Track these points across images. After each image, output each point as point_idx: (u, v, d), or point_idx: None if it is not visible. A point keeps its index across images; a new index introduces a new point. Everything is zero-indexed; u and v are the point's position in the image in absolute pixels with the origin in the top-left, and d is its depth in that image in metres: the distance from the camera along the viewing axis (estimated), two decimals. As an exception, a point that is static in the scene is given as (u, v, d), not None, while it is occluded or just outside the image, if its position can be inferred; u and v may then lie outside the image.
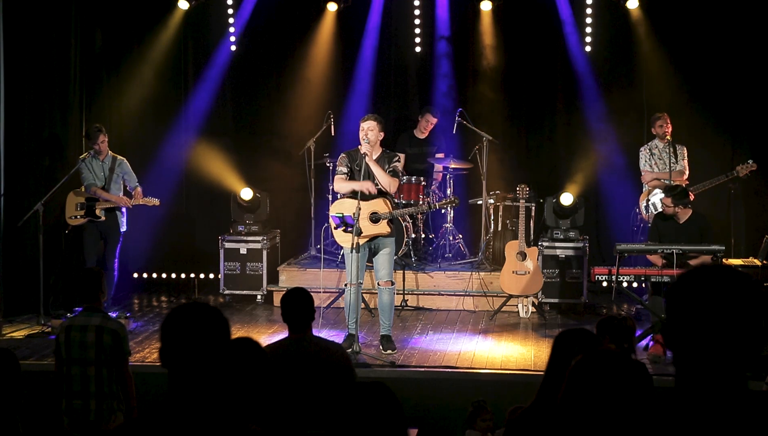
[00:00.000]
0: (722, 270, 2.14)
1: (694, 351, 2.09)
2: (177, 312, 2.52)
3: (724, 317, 2.07)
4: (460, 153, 9.94)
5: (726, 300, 2.08)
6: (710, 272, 2.14)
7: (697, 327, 2.08)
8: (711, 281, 2.12)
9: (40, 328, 8.17)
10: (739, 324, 2.07)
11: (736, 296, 2.09)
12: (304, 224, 9.98)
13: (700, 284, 2.13)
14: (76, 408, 5.24)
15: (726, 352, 2.07)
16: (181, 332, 2.46)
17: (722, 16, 9.61)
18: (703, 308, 2.08)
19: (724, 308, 2.07)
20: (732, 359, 2.08)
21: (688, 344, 2.10)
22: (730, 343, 2.07)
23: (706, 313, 2.08)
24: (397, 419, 2.62)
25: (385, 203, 7.40)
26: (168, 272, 10.47)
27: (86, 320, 5.26)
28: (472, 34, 10.34)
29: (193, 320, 2.48)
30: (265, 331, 8.23)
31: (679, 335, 2.11)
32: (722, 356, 2.07)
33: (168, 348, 2.48)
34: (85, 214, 8.62)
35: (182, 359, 2.46)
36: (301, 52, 10.49)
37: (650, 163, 9.04)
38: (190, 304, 2.56)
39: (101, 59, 10.13)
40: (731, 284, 2.10)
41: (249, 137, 10.65)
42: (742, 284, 2.10)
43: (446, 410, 6.59)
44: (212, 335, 2.47)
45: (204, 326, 2.47)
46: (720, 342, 2.07)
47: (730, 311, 2.07)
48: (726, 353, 2.07)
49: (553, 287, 9.00)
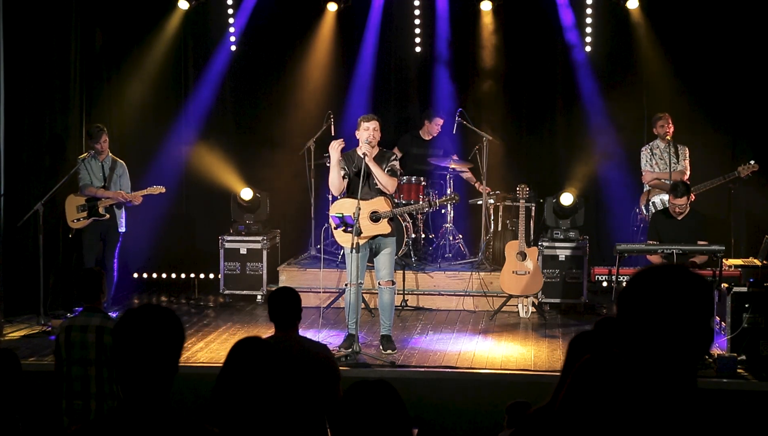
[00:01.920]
0: (674, 270, 2.19)
1: (644, 348, 2.14)
2: (127, 318, 2.56)
3: (673, 315, 2.12)
4: (460, 153, 9.95)
5: (675, 299, 2.13)
6: (662, 272, 2.19)
7: (647, 325, 2.13)
8: (661, 280, 2.17)
9: (40, 328, 8.17)
10: (687, 323, 2.12)
11: (685, 295, 2.14)
12: (304, 224, 9.98)
13: (651, 283, 2.17)
14: (77, 408, 5.25)
15: (674, 350, 2.12)
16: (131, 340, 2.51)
17: (722, 16, 9.61)
18: (653, 307, 2.13)
19: (673, 306, 2.12)
20: (681, 356, 2.13)
21: (638, 340, 2.15)
22: (678, 341, 2.12)
23: (655, 311, 2.13)
24: (400, 417, 2.62)
25: (385, 202, 7.40)
26: (168, 272, 10.47)
27: (86, 321, 5.27)
28: (472, 34, 10.33)
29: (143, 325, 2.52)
30: (265, 331, 8.22)
31: (630, 332, 2.16)
32: (669, 352, 2.12)
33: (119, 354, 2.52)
34: (88, 214, 8.61)
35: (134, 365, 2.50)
36: (301, 52, 10.49)
37: (651, 164, 9.04)
38: (140, 308, 2.60)
39: (101, 59, 10.12)
40: (680, 284, 2.15)
41: (249, 137, 10.65)
42: (691, 284, 2.15)
43: (446, 410, 6.60)
44: (163, 338, 2.52)
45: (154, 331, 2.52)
46: (667, 339, 2.12)
47: (679, 310, 2.12)
48: (674, 351, 2.12)
49: (553, 287, 9.00)
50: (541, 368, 7.05)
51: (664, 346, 2.12)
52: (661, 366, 2.12)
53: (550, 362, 7.17)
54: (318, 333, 7.87)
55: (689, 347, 2.13)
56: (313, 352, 4.61)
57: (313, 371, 4.47)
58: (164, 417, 2.50)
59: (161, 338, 2.51)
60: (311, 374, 4.46)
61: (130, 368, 2.50)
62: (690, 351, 2.13)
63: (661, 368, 2.12)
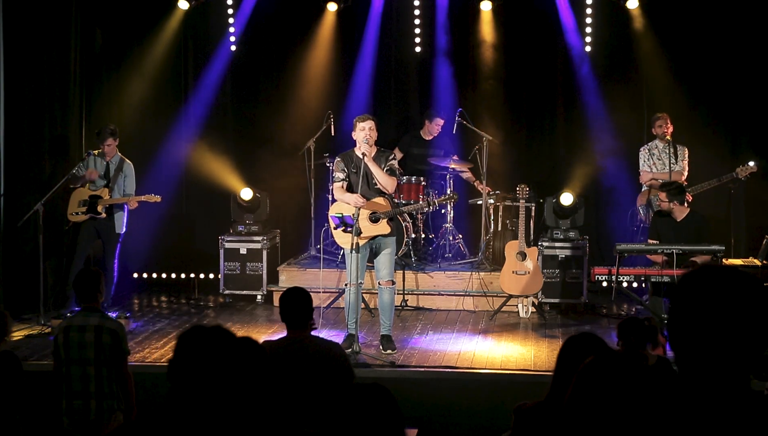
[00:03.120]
0: (726, 270, 2.13)
1: (697, 351, 2.08)
2: (193, 334, 2.53)
3: (728, 317, 2.06)
4: (460, 153, 9.95)
5: (729, 300, 2.07)
6: (714, 272, 2.14)
7: (701, 327, 2.07)
8: (714, 281, 2.11)
9: (40, 328, 8.16)
10: (742, 325, 2.06)
11: (739, 296, 2.08)
12: (304, 224, 9.98)
13: (703, 284, 2.12)
14: (77, 408, 5.25)
15: (729, 352, 2.06)
16: (194, 355, 2.47)
17: (722, 16, 9.60)
18: (707, 309, 2.07)
19: (727, 308, 2.06)
20: (734, 359, 2.07)
21: (691, 345, 2.09)
22: (732, 343, 2.06)
23: (709, 313, 2.07)
24: (394, 421, 2.61)
25: (385, 202, 7.40)
26: (168, 272, 10.47)
27: (84, 320, 5.27)
28: (472, 34, 10.33)
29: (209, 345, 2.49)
30: (265, 331, 8.23)
31: (682, 335, 2.11)
32: (725, 356, 2.06)
33: (178, 367, 2.49)
34: (87, 211, 8.61)
35: (190, 379, 2.47)
36: (301, 52, 10.48)
37: (649, 164, 9.04)
38: (210, 328, 2.56)
39: (101, 59, 10.13)
40: (735, 285, 2.09)
41: (249, 137, 10.64)
42: (745, 285, 2.09)
43: (446, 410, 6.59)
44: (225, 362, 2.48)
45: (218, 354, 2.48)
46: (723, 343, 2.06)
47: (733, 312, 2.06)
48: (729, 354, 2.06)
49: (553, 287, 9.00)
50: (541, 368, 7.05)
51: (719, 348, 2.08)
52: (715, 368, 2.08)
53: (550, 362, 7.15)
54: (318, 333, 7.85)
55: (746, 351, 2.09)
56: (327, 351, 4.62)
57: (327, 370, 4.48)
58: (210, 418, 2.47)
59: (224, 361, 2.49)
60: (326, 373, 4.46)
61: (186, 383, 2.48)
62: (744, 353, 2.09)
63: (717, 372, 2.08)
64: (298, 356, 4.47)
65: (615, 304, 9.18)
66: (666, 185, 8.17)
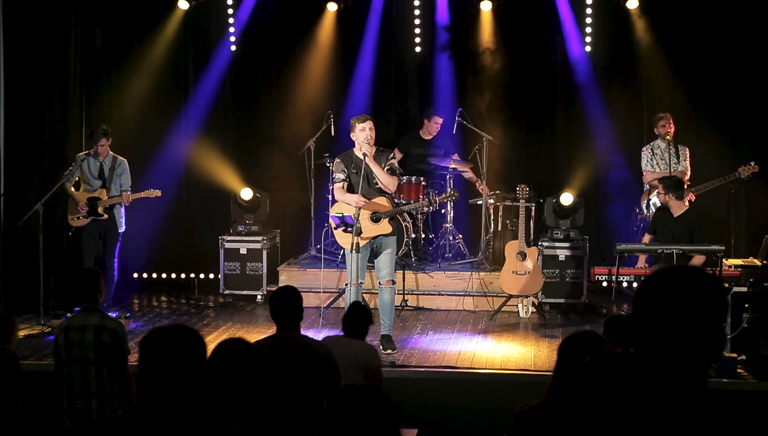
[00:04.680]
0: (689, 271, 2.20)
1: (657, 348, 2.15)
2: (155, 335, 2.65)
3: (687, 316, 2.13)
4: (461, 153, 9.95)
5: (689, 300, 2.14)
6: (676, 273, 2.21)
7: (662, 325, 2.15)
8: (677, 281, 2.18)
9: (40, 328, 8.17)
10: (701, 324, 2.13)
11: (699, 296, 2.15)
12: (304, 224, 9.98)
13: (666, 284, 2.18)
14: (78, 408, 5.25)
15: (687, 351, 2.13)
16: (158, 357, 2.60)
17: (722, 16, 9.61)
18: (667, 307, 2.15)
19: (687, 307, 2.14)
20: (693, 357, 2.14)
21: (650, 340, 2.17)
22: (691, 342, 2.13)
23: (669, 312, 2.14)
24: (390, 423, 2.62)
25: (386, 202, 7.40)
26: (168, 272, 10.47)
27: (84, 320, 5.27)
28: (472, 34, 10.33)
29: (171, 344, 2.62)
30: (265, 331, 8.22)
31: (642, 331, 2.17)
32: (683, 354, 2.13)
33: (145, 371, 2.61)
34: (88, 213, 8.60)
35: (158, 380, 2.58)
36: (301, 52, 10.48)
37: (652, 164, 9.04)
38: (169, 327, 2.67)
39: (101, 58, 10.12)
40: (693, 284, 2.17)
41: (249, 137, 10.65)
42: (705, 285, 2.16)
43: (446, 410, 6.60)
44: (189, 359, 2.59)
45: (180, 350, 2.59)
46: (681, 341, 2.13)
47: (693, 311, 2.13)
48: (687, 352, 2.14)
49: (553, 287, 9.00)
50: (541, 368, 7.05)
51: (678, 346, 2.13)
52: (673, 367, 2.13)
53: (550, 362, 7.16)
54: (318, 333, 7.86)
55: (702, 348, 2.14)
56: (316, 351, 4.62)
57: (315, 371, 4.48)
58: (185, 416, 2.50)
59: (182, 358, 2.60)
60: (314, 373, 4.46)
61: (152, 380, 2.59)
62: (702, 353, 2.14)
63: (673, 368, 2.13)
64: (286, 354, 4.48)
65: (615, 304, 9.18)
66: (664, 178, 8.23)
